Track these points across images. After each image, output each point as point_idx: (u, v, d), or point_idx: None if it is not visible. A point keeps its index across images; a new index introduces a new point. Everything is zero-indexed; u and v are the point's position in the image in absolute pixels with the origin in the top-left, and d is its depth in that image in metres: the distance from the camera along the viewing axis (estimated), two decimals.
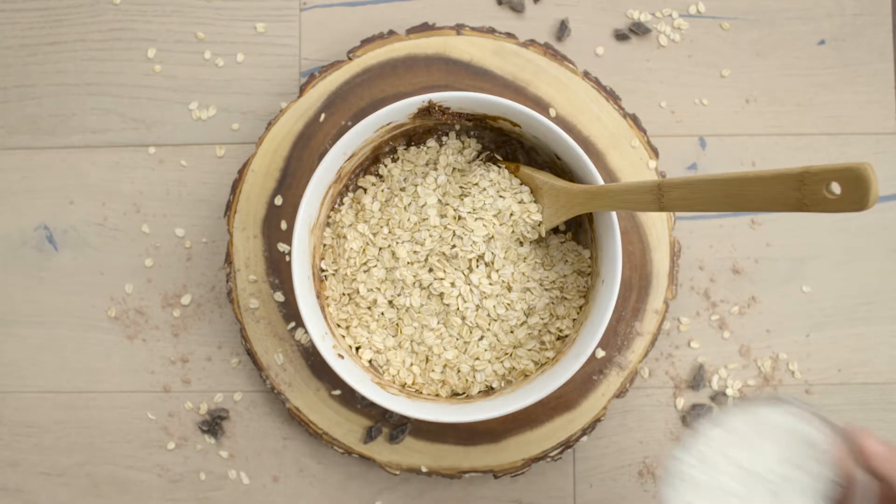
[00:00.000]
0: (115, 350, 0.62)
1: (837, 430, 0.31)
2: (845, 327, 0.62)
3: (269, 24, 0.63)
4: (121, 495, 0.62)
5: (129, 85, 0.63)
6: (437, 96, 0.53)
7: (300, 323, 0.59)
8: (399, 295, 0.57)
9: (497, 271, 0.56)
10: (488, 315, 0.57)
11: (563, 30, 0.63)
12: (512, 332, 0.57)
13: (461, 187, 0.57)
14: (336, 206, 0.59)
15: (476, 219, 0.56)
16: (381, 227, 0.57)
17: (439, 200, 0.57)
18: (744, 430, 0.30)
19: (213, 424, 0.61)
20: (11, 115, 0.63)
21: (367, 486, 0.62)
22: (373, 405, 0.60)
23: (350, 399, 0.60)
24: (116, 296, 0.63)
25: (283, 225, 0.60)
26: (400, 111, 0.53)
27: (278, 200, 0.60)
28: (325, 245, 0.58)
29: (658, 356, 0.62)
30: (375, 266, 0.57)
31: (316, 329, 0.53)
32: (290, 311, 0.60)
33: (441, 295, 0.56)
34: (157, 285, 0.63)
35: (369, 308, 0.57)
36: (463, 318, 0.57)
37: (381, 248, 0.57)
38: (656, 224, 0.60)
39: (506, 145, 0.59)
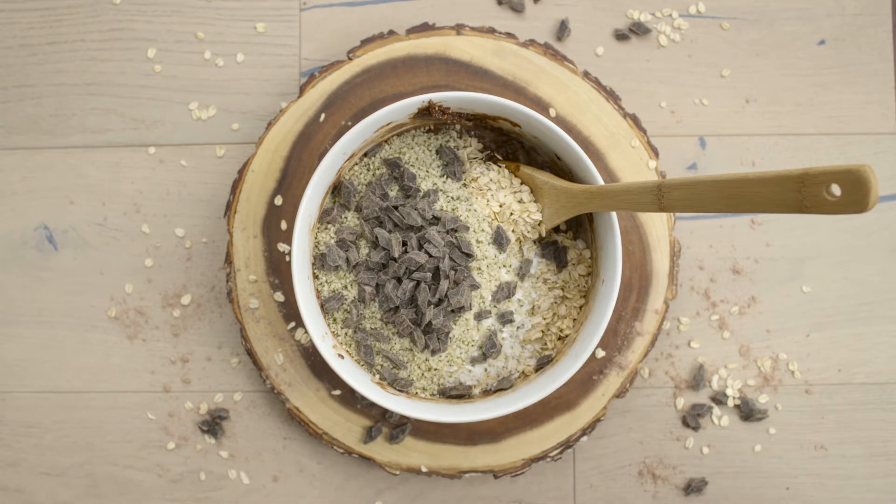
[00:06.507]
0: (115, 350, 0.62)
1: None
2: (845, 327, 0.62)
3: (269, 24, 0.63)
4: (121, 495, 0.62)
5: (129, 85, 0.63)
6: (437, 96, 0.53)
7: (300, 323, 0.59)
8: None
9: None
10: None
11: (562, 30, 0.62)
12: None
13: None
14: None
15: None
16: None
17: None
18: None
19: (213, 424, 0.62)
20: (11, 115, 0.63)
21: (367, 486, 0.62)
22: (373, 405, 0.60)
23: (350, 399, 0.60)
24: (116, 296, 0.63)
25: (283, 225, 0.60)
26: (400, 111, 0.53)
27: (278, 200, 0.60)
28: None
29: (658, 356, 0.62)
30: None
31: (316, 329, 0.53)
32: (290, 311, 0.60)
33: None
34: (157, 285, 0.63)
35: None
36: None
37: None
38: (656, 224, 0.60)
39: (506, 145, 0.59)
